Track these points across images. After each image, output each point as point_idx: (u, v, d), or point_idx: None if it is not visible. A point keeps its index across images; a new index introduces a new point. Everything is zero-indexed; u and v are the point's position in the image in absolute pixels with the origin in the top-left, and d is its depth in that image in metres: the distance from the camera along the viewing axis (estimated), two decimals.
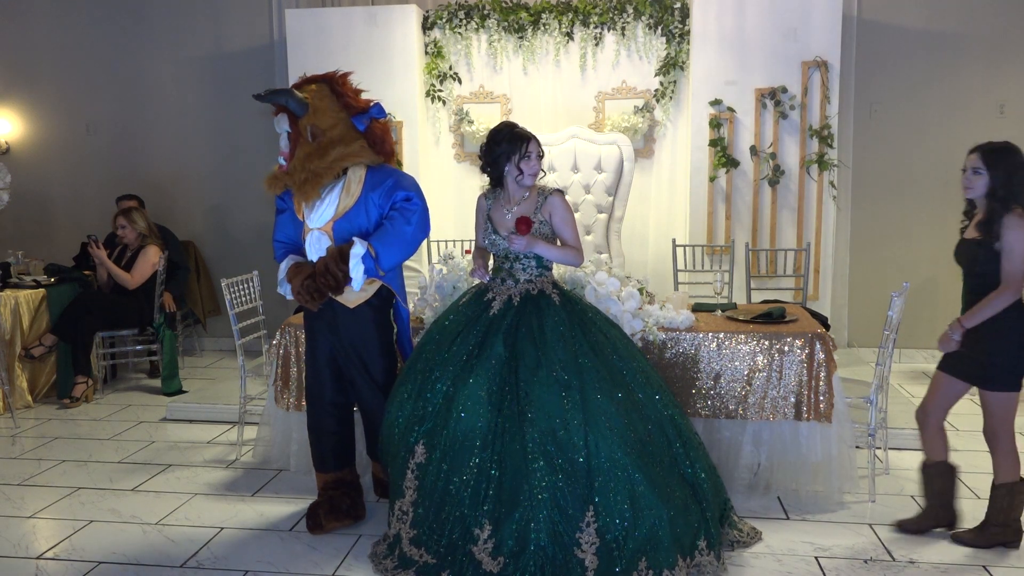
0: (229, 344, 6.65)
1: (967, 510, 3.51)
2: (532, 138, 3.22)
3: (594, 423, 2.88)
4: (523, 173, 3.20)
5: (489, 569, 2.81)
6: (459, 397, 2.98)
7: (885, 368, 3.71)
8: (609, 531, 2.78)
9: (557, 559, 2.79)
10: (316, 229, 3.27)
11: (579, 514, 2.80)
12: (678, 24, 5.82)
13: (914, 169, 6.08)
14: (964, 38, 5.92)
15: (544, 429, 2.88)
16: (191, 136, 6.87)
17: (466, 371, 3.04)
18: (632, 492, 2.81)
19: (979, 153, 3.02)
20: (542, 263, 3.25)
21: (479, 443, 2.92)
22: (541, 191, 3.27)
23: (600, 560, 2.77)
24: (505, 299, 3.20)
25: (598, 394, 2.94)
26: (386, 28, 5.92)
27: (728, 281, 5.39)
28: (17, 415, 5.08)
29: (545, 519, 2.79)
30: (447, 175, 6.27)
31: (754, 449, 3.64)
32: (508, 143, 3.20)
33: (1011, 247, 2.92)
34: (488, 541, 2.83)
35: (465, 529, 2.87)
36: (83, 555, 3.24)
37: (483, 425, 2.94)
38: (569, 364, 2.99)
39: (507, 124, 3.28)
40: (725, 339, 3.63)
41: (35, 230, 7.12)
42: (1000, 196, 2.96)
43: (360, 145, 3.27)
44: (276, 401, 3.97)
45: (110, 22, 6.84)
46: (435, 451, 2.97)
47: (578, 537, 2.79)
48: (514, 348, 3.05)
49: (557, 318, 3.12)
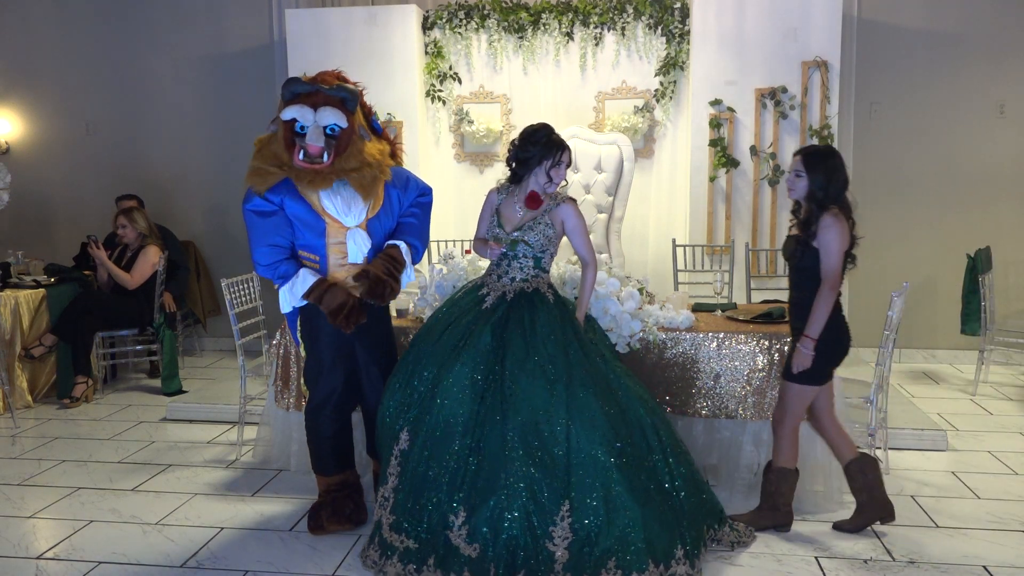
0: (229, 344, 6.64)
1: (967, 510, 3.52)
2: (567, 148, 3.22)
3: (577, 419, 2.89)
4: (551, 181, 3.20)
5: (467, 554, 2.83)
6: (443, 384, 3.01)
7: (885, 368, 3.71)
8: (582, 527, 2.79)
9: (529, 549, 2.79)
10: (355, 227, 3.21)
11: (554, 507, 2.80)
12: (678, 24, 5.83)
13: (914, 169, 6.08)
14: (964, 38, 5.92)
15: (527, 420, 2.89)
16: (191, 136, 6.87)
17: (452, 359, 3.06)
18: (608, 491, 2.81)
19: (801, 157, 3.15)
20: (539, 264, 3.26)
21: (460, 430, 2.94)
22: (554, 197, 3.27)
23: (571, 555, 2.78)
24: (499, 294, 3.22)
25: (584, 391, 2.95)
26: (386, 28, 5.92)
27: (728, 281, 5.39)
28: (17, 415, 5.08)
29: (520, 509, 2.80)
30: (447, 175, 6.27)
31: (754, 449, 3.64)
32: (544, 147, 3.18)
33: (828, 246, 3.06)
34: (462, 528, 2.84)
35: (442, 515, 2.88)
36: (83, 555, 3.24)
37: (465, 412, 2.95)
38: (557, 359, 3.00)
39: (545, 127, 3.25)
40: (725, 339, 3.63)
41: (35, 230, 7.13)
42: (818, 198, 3.09)
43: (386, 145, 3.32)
44: (276, 401, 3.97)
45: (110, 22, 6.84)
46: (418, 437, 2.99)
47: (551, 530, 2.79)
48: (502, 339, 3.07)
49: (549, 315, 3.14)
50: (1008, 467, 4.02)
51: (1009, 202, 6.01)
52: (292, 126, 3.10)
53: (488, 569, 2.80)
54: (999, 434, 4.52)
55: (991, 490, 3.73)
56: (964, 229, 6.01)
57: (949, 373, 5.91)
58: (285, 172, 3.13)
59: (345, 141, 3.13)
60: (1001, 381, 5.61)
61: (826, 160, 3.11)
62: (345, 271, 3.22)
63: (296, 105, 3.09)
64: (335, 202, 3.18)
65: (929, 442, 4.26)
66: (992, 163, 5.99)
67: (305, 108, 3.08)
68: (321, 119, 3.08)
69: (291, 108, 3.09)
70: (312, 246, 3.21)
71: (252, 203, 3.18)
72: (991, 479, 3.87)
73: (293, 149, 3.10)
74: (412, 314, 3.97)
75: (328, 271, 3.23)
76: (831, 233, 3.05)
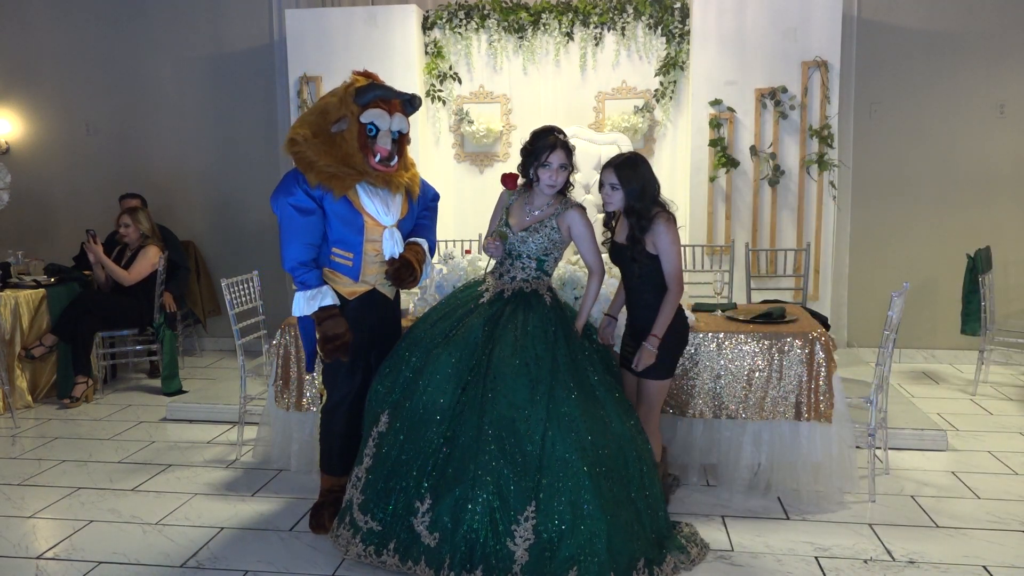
0: (229, 344, 6.65)
1: (967, 510, 3.51)
2: (557, 148, 3.19)
3: (555, 422, 2.87)
4: (539, 180, 3.21)
5: (427, 543, 2.82)
6: (427, 371, 3.02)
7: (885, 368, 3.71)
8: (546, 531, 2.76)
9: (488, 545, 2.77)
10: (391, 227, 3.28)
11: (520, 506, 2.78)
12: (678, 24, 5.83)
13: (914, 169, 6.08)
14: (964, 38, 5.92)
15: (504, 416, 2.88)
16: (191, 136, 6.87)
17: (441, 348, 3.07)
18: (577, 498, 2.78)
19: (613, 169, 3.17)
20: (542, 266, 3.26)
21: (438, 418, 2.94)
22: (564, 202, 3.26)
23: (530, 557, 2.75)
24: (497, 291, 3.24)
25: (566, 396, 2.94)
26: (386, 28, 5.92)
27: (728, 281, 5.40)
28: (17, 415, 5.08)
29: (483, 503, 2.78)
30: (447, 175, 6.27)
31: (754, 449, 3.63)
32: (534, 147, 3.21)
33: (667, 251, 3.14)
34: (426, 515, 2.84)
35: (408, 501, 2.89)
36: (83, 555, 3.24)
37: (445, 401, 2.96)
38: (544, 361, 2.99)
39: (545, 129, 3.26)
40: (725, 339, 3.63)
41: (35, 230, 7.13)
42: (637, 209, 3.15)
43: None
44: (276, 401, 3.97)
45: (110, 22, 6.84)
46: (396, 421, 3.01)
47: (514, 529, 2.77)
48: (493, 335, 3.07)
49: (543, 316, 3.13)
50: (1008, 467, 4.02)
51: (1009, 202, 6.01)
52: (365, 129, 3.17)
53: (444, 560, 2.78)
54: (999, 434, 4.52)
55: (991, 490, 3.73)
56: (964, 229, 6.01)
57: (949, 373, 5.91)
58: (360, 176, 3.20)
59: (405, 145, 3.30)
60: (1001, 381, 5.61)
61: (636, 169, 3.15)
62: (378, 272, 3.31)
63: (377, 109, 3.17)
64: (374, 201, 3.24)
65: (929, 442, 4.26)
66: (992, 163, 5.99)
67: (384, 113, 3.18)
68: (394, 124, 3.21)
69: (372, 112, 3.16)
70: (349, 243, 3.25)
71: (295, 197, 3.16)
72: (991, 479, 3.87)
73: (367, 152, 3.18)
74: (412, 314, 3.97)
75: (361, 268, 3.28)
76: (668, 239, 3.13)
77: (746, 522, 3.42)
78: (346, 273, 3.27)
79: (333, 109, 3.21)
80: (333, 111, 3.21)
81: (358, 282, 3.28)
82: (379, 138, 3.17)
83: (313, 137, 3.19)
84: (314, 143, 3.18)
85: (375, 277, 3.30)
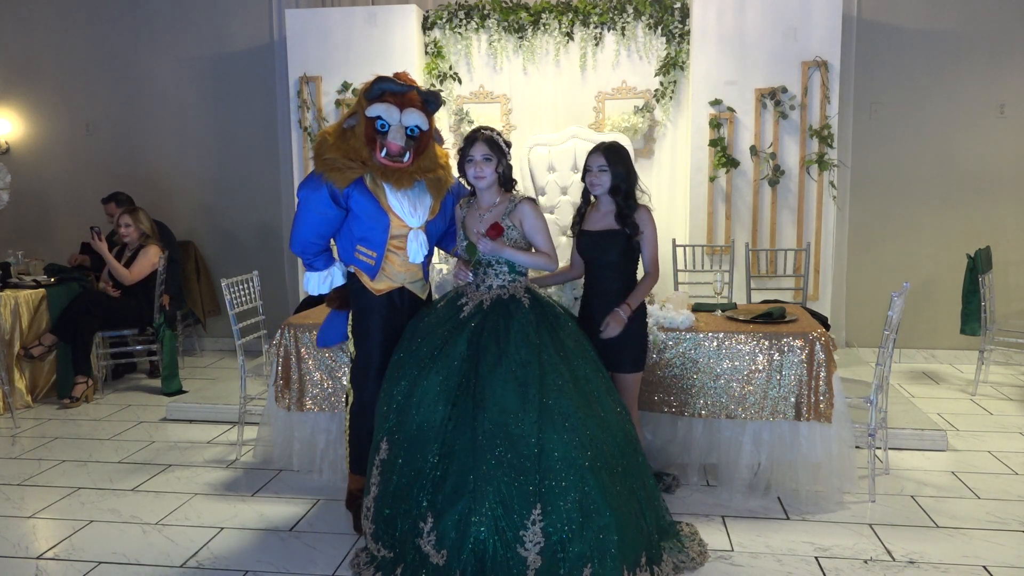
0: (229, 344, 6.65)
1: (967, 510, 3.51)
2: (477, 141, 3.17)
3: (549, 422, 2.85)
4: (465, 176, 3.23)
5: (436, 562, 2.77)
6: (417, 393, 3.00)
7: (885, 368, 3.71)
8: (555, 532, 2.72)
9: (498, 554, 2.72)
10: (417, 228, 3.26)
11: (525, 511, 2.74)
12: (678, 24, 5.83)
13: (914, 169, 6.08)
14: (964, 38, 5.92)
15: (497, 423, 2.84)
16: (191, 136, 6.87)
17: (427, 368, 3.04)
18: (583, 495, 2.76)
19: (601, 152, 3.32)
20: (515, 269, 3.23)
21: (432, 435, 2.92)
22: (512, 199, 3.24)
23: (544, 560, 2.71)
24: (476, 303, 3.19)
25: (558, 395, 2.91)
26: (386, 28, 5.92)
27: (728, 281, 5.40)
28: (17, 415, 5.08)
29: (487, 513, 2.74)
30: None
31: (754, 449, 3.63)
32: (462, 148, 3.23)
33: (650, 237, 3.34)
34: (431, 533, 2.79)
35: (413, 522, 2.86)
36: (83, 555, 3.24)
37: (437, 419, 2.93)
38: (531, 364, 2.96)
39: (473, 129, 3.28)
40: (725, 339, 3.63)
41: (35, 230, 7.13)
42: (623, 190, 3.31)
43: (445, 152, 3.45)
44: (276, 401, 3.96)
45: (110, 22, 6.84)
46: (395, 447, 2.99)
47: (522, 534, 2.72)
48: (477, 347, 3.04)
49: (524, 320, 3.10)
50: (1008, 467, 4.02)
51: (1009, 202, 6.01)
52: (374, 123, 3.14)
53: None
54: (999, 434, 4.52)
55: (991, 490, 3.73)
56: (964, 229, 6.01)
57: (949, 373, 5.91)
58: (364, 168, 3.17)
59: (424, 143, 3.23)
60: (1001, 381, 5.61)
61: (620, 154, 3.32)
62: (406, 271, 3.29)
63: (383, 103, 3.13)
64: (402, 201, 3.22)
65: (929, 442, 4.26)
66: (992, 163, 5.99)
67: (392, 107, 3.13)
68: (405, 119, 3.15)
69: (378, 106, 3.13)
70: (374, 241, 3.25)
71: (322, 192, 3.18)
72: (991, 479, 3.87)
73: (374, 146, 3.15)
74: None
75: (380, 268, 3.26)
76: (651, 226, 3.34)
77: (746, 522, 3.42)
78: (366, 271, 3.28)
79: (353, 107, 3.25)
80: (352, 108, 3.25)
81: (374, 280, 3.27)
82: (390, 133, 3.13)
83: (332, 133, 3.24)
84: (330, 139, 3.22)
85: (404, 276, 3.29)
